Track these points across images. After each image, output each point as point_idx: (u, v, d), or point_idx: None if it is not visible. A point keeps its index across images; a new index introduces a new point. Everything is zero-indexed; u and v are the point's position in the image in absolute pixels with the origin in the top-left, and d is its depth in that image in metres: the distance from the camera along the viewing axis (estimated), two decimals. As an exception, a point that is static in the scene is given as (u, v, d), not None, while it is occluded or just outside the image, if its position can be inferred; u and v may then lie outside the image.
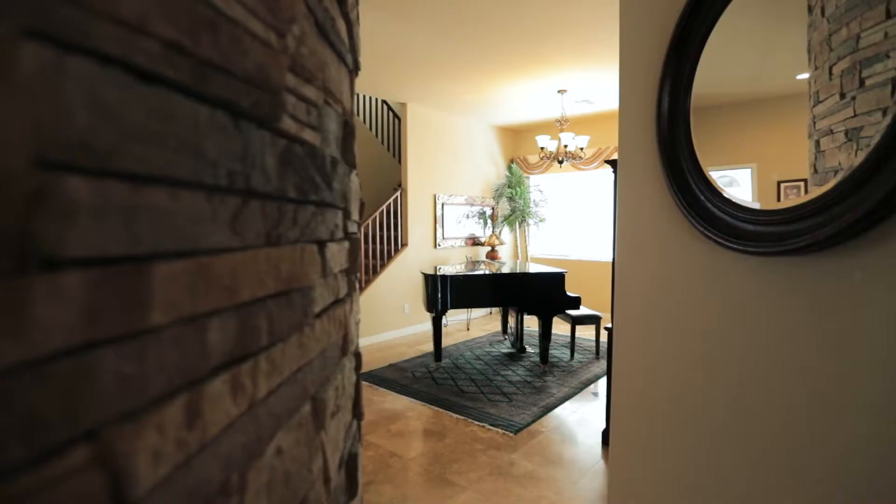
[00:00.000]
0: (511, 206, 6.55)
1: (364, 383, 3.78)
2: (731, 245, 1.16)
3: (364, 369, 4.12)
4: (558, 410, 3.23)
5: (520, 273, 4.19)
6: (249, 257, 0.41)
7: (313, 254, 0.54)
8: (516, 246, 7.01)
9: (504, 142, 6.90)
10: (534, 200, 6.53)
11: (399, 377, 3.90)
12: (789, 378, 1.00)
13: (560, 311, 4.11)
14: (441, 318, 4.15)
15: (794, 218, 1.04)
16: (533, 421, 3.03)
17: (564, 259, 6.50)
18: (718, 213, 1.23)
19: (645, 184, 1.38)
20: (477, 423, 3.01)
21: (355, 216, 0.88)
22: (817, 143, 1.03)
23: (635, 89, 1.39)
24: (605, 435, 2.71)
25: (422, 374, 3.95)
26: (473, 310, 6.08)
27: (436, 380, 3.81)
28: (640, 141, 1.38)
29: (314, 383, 0.58)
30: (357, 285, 0.86)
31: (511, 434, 2.85)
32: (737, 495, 1.09)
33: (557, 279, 4.09)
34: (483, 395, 3.46)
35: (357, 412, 0.88)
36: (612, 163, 2.51)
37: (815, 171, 1.04)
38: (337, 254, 0.68)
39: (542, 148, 5.07)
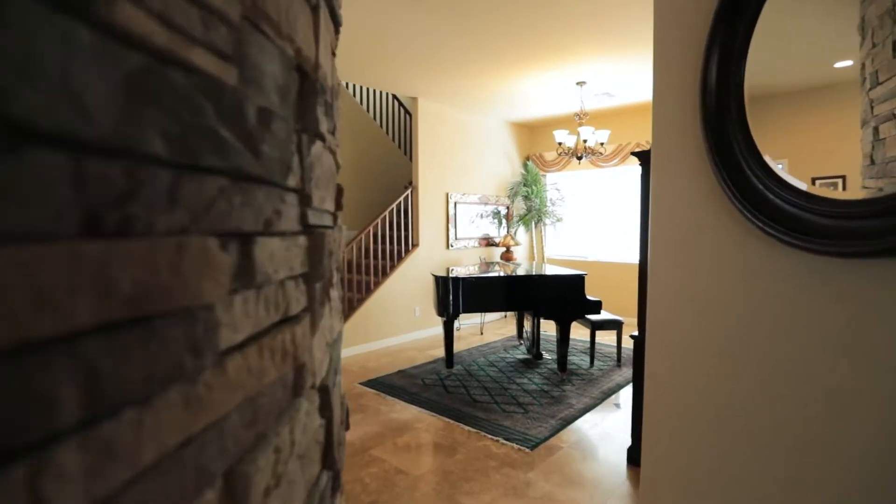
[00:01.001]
0: (527, 205, 6.30)
1: (371, 391, 3.58)
2: (800, 243, 0.96)
3: (371, 376, 3.92)
4: (578, 423, 2.99)
5: (536, 275, 3.95)
6: (8, 262, 0.21)
7: (208, 252, 0.33)
8: (532, 247, 6.76)
9: (519, 138, 6.66)
10: (550, 199, 6.26)
11: (408, 384, 3.69)
12: (858, 387, 0.84)
13: (579, 316, 3.87)
14: (453, 322, 3.94)
15: (888, 210, 0.83)
16: (551, 435, 2.80)
17: (583, 260, 6.23)
18: (782, 203, 1.01)
19: (685, 168, 1.18)
20: (490, 436, 2.78)
21: (327, 204, 0.68)
22: (875, 130, 0.86)
23: (674, 61, 1.18)
24: (632, 453, 2.47)
25: (432, 382, 3.74)
26: (487, 313, 5.85)
27: (447, 388, 3.60)
28: (679, 121, 1.18)
29: (228, 454, 0.37)
30: (327, 295, 0.66)
31: (527, 450, 2.62)
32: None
33: (576, 282, 3.84)
34: (497, 406, 3.23)
35: (329, 461, 0.68)
36: (640, 154, 2.28)
37: (872, 162, 0.87)
38: (282, 253, 0.47)
39: (559, 143, 4.81)
